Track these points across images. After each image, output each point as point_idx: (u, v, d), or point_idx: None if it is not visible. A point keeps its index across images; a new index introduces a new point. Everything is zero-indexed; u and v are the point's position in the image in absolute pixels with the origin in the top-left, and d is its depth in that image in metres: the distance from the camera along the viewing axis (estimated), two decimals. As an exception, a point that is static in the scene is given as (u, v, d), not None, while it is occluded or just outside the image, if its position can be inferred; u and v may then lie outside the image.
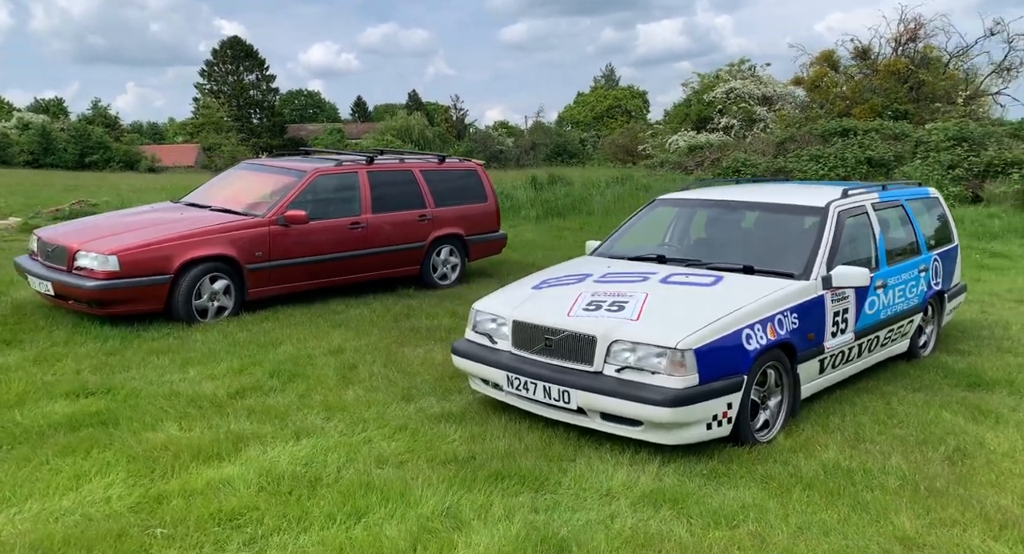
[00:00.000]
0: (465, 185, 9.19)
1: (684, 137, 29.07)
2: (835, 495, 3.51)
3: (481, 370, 4.56)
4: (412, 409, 4.76)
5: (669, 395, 3.77)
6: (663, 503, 3.46)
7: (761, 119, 29.79)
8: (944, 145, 16.36)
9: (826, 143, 17.97)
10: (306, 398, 4.99)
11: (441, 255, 8.86)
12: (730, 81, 31.01)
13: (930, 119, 21.89)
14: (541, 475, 3.76)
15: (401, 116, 52.22)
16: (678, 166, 21.26)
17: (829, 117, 21.46)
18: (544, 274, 5.14)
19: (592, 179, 17.57)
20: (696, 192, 5.94)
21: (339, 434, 4.36)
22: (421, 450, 4.11)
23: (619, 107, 72.69)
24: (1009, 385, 5.28)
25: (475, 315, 4.78)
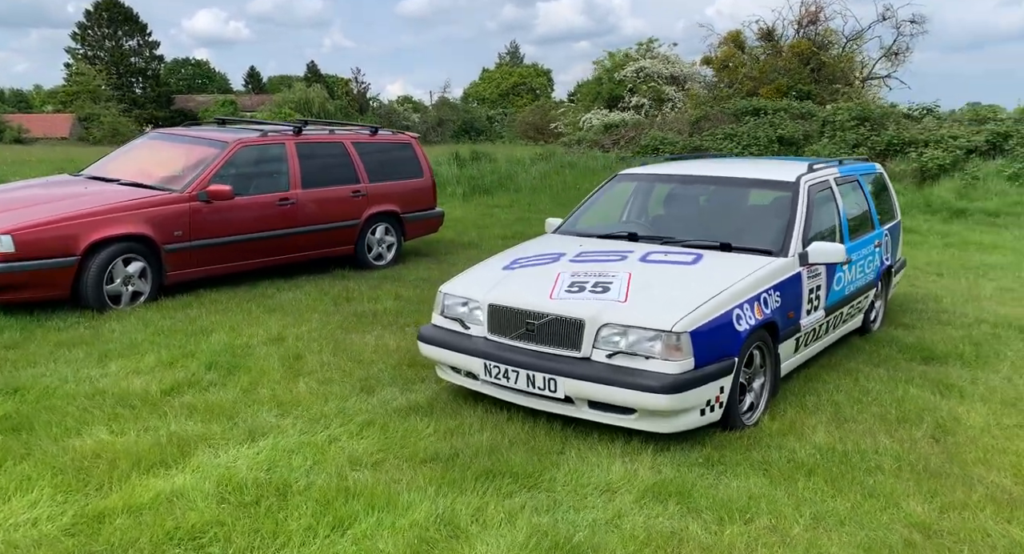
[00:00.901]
0: (400, 159, 8.72)
1: (597, 115, 29.19)
2: (839, 481, 3.40)
3: (453, 358, 4.22)
4: (375, 402, 4.38)
5: (666, 381, 3.56)
6: (668, 497, 3.26)
7: (670, 99, 30.28)
8: (849, 124, 16.97)
9: (738, 122, 18.34)
10: (252, 393, 4.52)
11: (376, 234, 8.39)
12: (639, 61, 31.31)
13: (830, 100, 22.76)
14: (533, 471, 3.49)
15: (299, 88, 50.18)
16: (595, 144, 21.25)
17: (738, 96, 21.95)
18: (512, 254, 4.83)
19: (516, 156, 17.29)
20: (659, 167, 5.75)
21: (299, 433, 3.94)
22: (395, 448, 3.76)
23: (524, 85, 72.54)
24: (960, 358, 5.38)
25: (443, 299, 4.43)
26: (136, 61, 63.57)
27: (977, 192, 14.48)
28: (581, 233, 5.13)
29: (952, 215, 13.18)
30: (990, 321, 6.41)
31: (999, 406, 4.42)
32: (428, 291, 7.15)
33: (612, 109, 30.75)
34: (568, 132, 30.81)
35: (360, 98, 56.54)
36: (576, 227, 5.31)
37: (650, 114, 28.91)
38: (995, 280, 8.33)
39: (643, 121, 23.32)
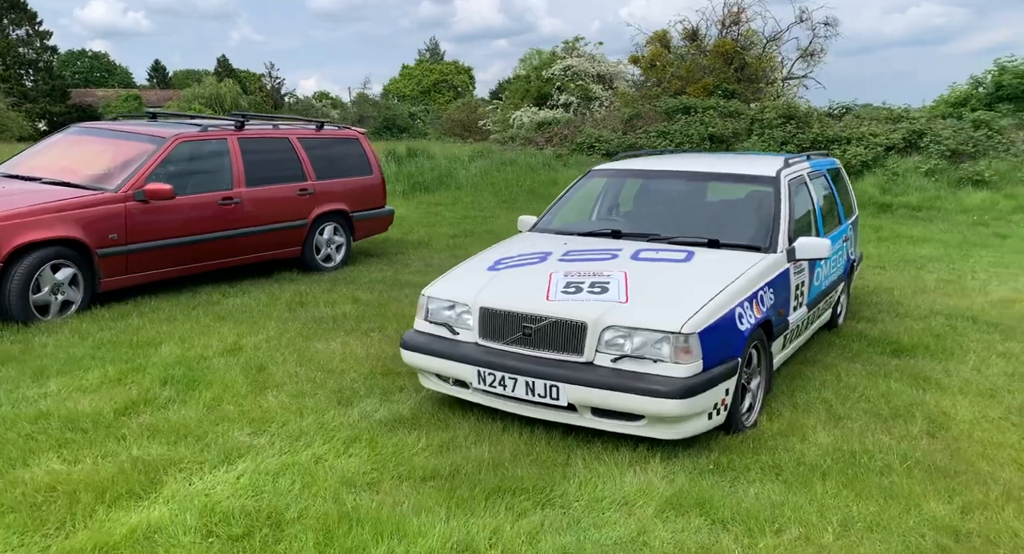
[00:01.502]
0: (347, 155, 8.35)
1: (527, 113, 29.16)
2: (855, 483, 3.32)
3: (441, 366, 3.97)
4: (355, 415, 4.09)
5: (677, 385, 3.41)
6: (689, 509, 3.11)
7: (597, 97, 30.52)
8: (776, 122, 17.41)
9: (670, 120, 18.57)
10: (217, 409, 4.15)
11: (324, 234, 7.99)
12: (566, 59, 31.45)
13: (753, 99, 23.36)
14: (544, 486, 3.28)
15: (210, 83, 48.20)
16: (529, 141, 21.16)
17: (667, 95, 22.27)
18: (493, 254, 4.60)
19: (453, 153, 17.00)
20: (634, 162, 5.62)
21: (279, 452, 3.62)
22: (390, 466, 3.48)
23: (446, 82, 71.96)
24: (926, 350, 5.47)
25: (427, 302, 4.17)
26: (26, 52, 59.42)
27: (899, 187, 15.06)
28: (561, 231, 4.96)
29: (879, 209, 13.66)
30: (943, 313, 6.58)
31: (979, 398, 4.48)
32: (387, 294, 6.85)
33: (541, 107, 30.77)
34: (497, 130, 30.62)
35: (275, 94, 54.80)
36: (554, 225, 5.13)
37: (579, 112, 29.07)
38: (934, 272, 8.61)
39: (574, 119, 23.39)
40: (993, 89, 20.26)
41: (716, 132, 17.38)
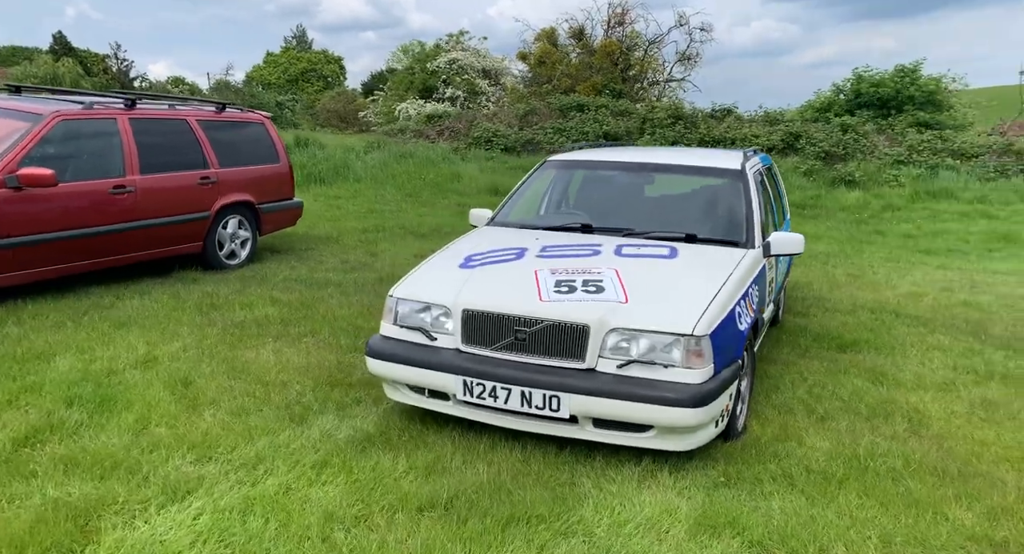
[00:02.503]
0: (252, 141, 7.61)
1: (413, 105, 28.55)
2: (873, 491, 3.15)
3: (416, 376, 3.53)
4: (315, 434, 3.57)
5: (692, 393, 3.15)
6: (721, 530, 2.84)
7: (484, 92, 30.33)
8: (666, 122, 17.83)
9: (565, 117, 18.61)
10: (145, 434, 3.52)
11: (228, 228, 7.24)
12: (451, 52, 31.06)
13: (638, 99, 23.91)
14: (559, 512, 2.93)
15: (45, 61, 43.97)
16: (419, 134, 20.60)
17: (557, 92, 22.35)
18: (460, 250, 4.19)
19: (346, 143, 16.16)
20: (589, 154, 5.34)
21: (236, 483, 3.07)
22: (375, 495, 3.02)
23: (314, 71, 69.20)
24: (868, 345, 5.54)
25: (396, 305, 3.71)
26: None
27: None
28: (524, 225, 4.60)
29: (768, 208, 14.22)
30: (865, 307, 6.76)
31: (939, 393, 4.52)
32: (308, 294, 6.25)
33: (427, 100, 30.24)
34: (380, 121, 29.81)
35: (122, 76, 50.63)
36: (513, 218, 4.77)
37: (465, 106, 28.79)
38: (838, 267, 8.92)
39: (464, 113, 23.04)
40: (852, 96, 21.69)
41: (610, 130, 17.53)
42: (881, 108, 20.58)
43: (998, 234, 11.93)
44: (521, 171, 15.09)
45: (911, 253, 10.44)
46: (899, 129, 18.22)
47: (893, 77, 20.73)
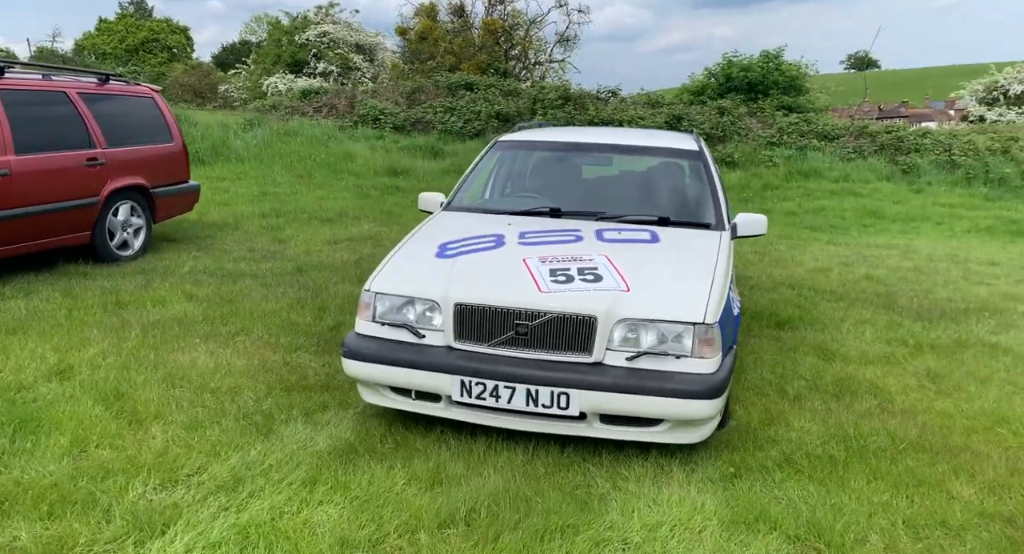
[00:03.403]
0: (141, 117, 6.85)
1: (283, 80, 27.15)
2: (879, 474, 3.15)
3: (404, 377, 3.23)
4: (291, 446, 3.20)
5: (708, 383, 3.04)
6: (754, 525, 2.73)
7: (358, 67, 29.32)
8: (556, 103, 17.89)
9: (454, 96, 18.25)
10: (88, 458, 3.04)
11: (119, 215, 6.48)
12: (321, 24, 29.77)
13: (522, 79, 23.89)
14: (589, 519, 2.73)
15: None
16: (295, 111, 19.57)
17: (441, 70, 21.90)
18: (431, 238, 3.88)
19: (221, 121, 14.99)
20: (542, 134, 5.12)
21: (218, 510, 2.69)
22: (385, 514, 2.72)
23: (157, 41, 64.15)
24: (801, 321, 5.69)
25: (375, 300, 3.37)
26: None
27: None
28: (488, 210, 4.35)
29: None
30: (784, 284, 7.00)
31: (886, 367, 4.67)
32: (224, 288, 5.70)
33: (298, 74, 28.89)
34: (245, 96, 28.22)
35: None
36: (474, 203, 4.51)
37: (340, 81, 27.76)
38: (742, 244, 9.21)
39: (344, 89, 22.15)
40: (724, 81, 22.69)
41: (502, 110, 17.36)
42: (749, 92, 21.62)
43: (868, 210, 12.80)
44: (416, 151, 14.67)
45: (800, 230, 10.99)
46: (768, 112, 19.21)
47: (760, 62, 21.80)
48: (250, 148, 13.02)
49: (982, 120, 26.46)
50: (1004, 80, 27.92)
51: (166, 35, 64.79)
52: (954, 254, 9.27)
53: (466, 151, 15.03)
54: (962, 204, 13.55)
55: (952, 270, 8.13)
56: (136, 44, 61.91)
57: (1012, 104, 27.49)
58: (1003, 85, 27.94)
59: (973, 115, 27.79)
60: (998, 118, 26.39)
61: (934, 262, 8.62)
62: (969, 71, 42.90)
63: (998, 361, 4.83)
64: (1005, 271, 8.26)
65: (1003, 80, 27.95)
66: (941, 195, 14.31)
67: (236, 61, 41.72)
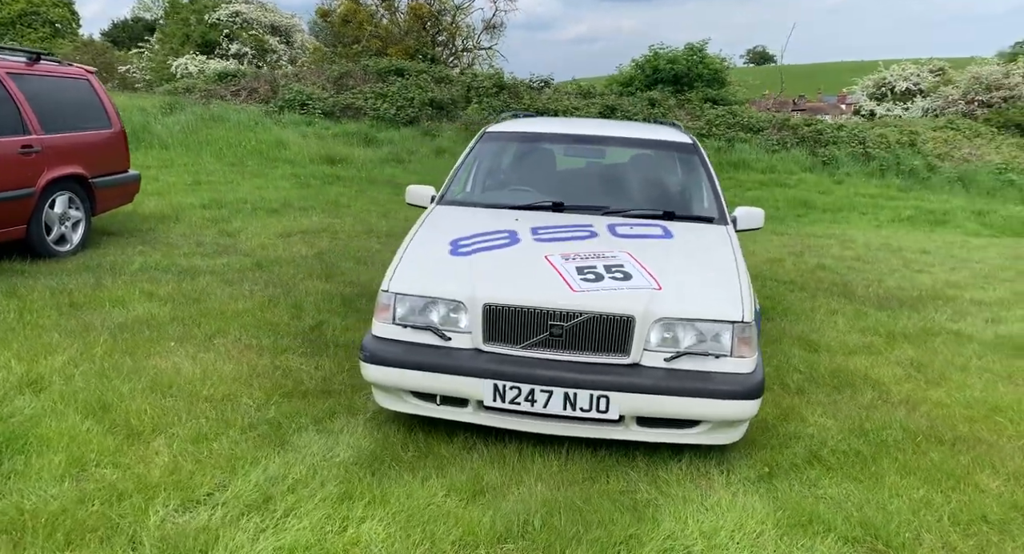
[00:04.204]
0: (76, 101, 6.32)
1: (194, 62, 25.87)
2: (908, 469, 3.18)
3: (430, 382, 3.06)
4: (312, 459, 2.99)
5: (749, 383, 2.99)
6: (807, 527, 2.69)
7: (274, 50, 28.28)
8: (491, 91, 17.71)
9: (384, 82, 17.79)
10: (88, 479, 2.76)
11: (57, 207, 5.97)
12: (234, 4, 28.52)
13: (451, 66, 23.56)
14: (644, 527, 2.64)
15: None
16: (211, 94, 18.65)
17: (368, 54, 21.34)
18: (440, 234, 3.68)
19: (136, 104, 14.05)
20: (532, 125, 4.98)
21: (258, 533, 2.48)
22: (437, 530, 2.56)
23: (37, 15, 59.72)
24: (774, 311, 5.69)
25: (395, 301, 3.18)
26: None
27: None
28: (488, 204, 4.18)
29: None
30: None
31: (871, 357, 4.74)
32: (183, 285, 5.33)
33: (209, 56, 27.62)
34: (150, 78, 26.86)
35: None
36: (471, 196, 4.33)
37: (255, 64, 26.73)
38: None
39: (264, 73, 21.27)
40: (651, 72, 23.01)
41: (436, 97, 17.05)
42: (675, 84, 22.01)
43: (798, 201, 13.24)
44: (349, 138, 14.21)
45: (740, 221, 11.26)
46: (696, 104, 19.61)
47: (685, 55, 22.22)
48: (174, 134, 12.31)
49: (872, 115, 27.89)
50: (891, 77, 29.50)
51: (48, 9, 60.42)
52: (887, 243, 9.70)
53: (402, 139, 14.69)
54: (880, 195, 14.20)
55: (892, 259, 8.49)
56: (12, 17, 57.53)
57: (898, 100, 29.08)
58: (890, 82, 29.52)
59: (864, 110, 29.23)
60: (886, 112, 27.84)
61: (872, 251, 8.98)
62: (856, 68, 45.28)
63: (966, 348, 5.04)
64: (938, 259, 8.68)
65: (890, 77, 29.54)
66: (860, 186, 14.96)
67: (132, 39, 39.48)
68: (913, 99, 28.97)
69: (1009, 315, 6.00)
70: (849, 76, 37.66)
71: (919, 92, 29.13)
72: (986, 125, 21.59)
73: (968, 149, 18.53)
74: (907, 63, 31.07)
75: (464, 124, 15.96)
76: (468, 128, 15.76)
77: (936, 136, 19.32)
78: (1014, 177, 16.43)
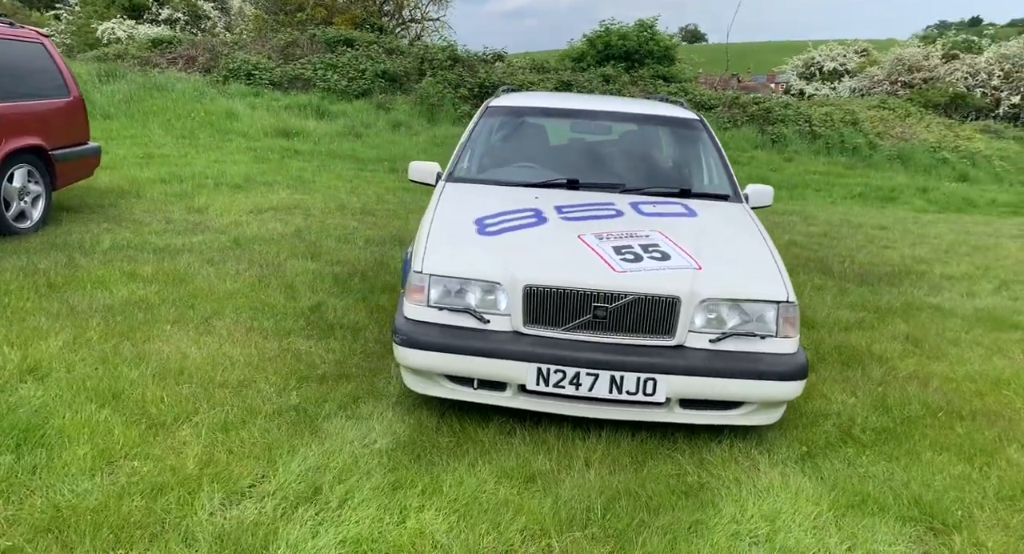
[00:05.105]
0: (32, 67, 5.87)
1: (122, 26, 24.58)
2: (940, 445, 3.23)
3: (469, 366, 2.96)
4: (351, 446, 2.87)
5: (795, 364, 2.97)
6: (862, 507, 2.71)
7: (208, 16, 27.14)
8: (445, 64, 17.36)
9: (333, 52, 17.24)
10: (117, 472, 2.59)
11: (16, 181, 5.56)
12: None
13: (396, 37, 23.01)
14: (706, 512, 2.62)
15: None
16: (145, 61, 17.75)
17: (313, 23, 20.63)
18: (462, 212, 3.55)
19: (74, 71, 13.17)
20: (536, 100, 4.84)
21: (315, 526, 2.36)
22: (501, 519, 2.47)
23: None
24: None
25: (431, 283, 3.06)
26: None
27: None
28: (502, 181, 4.06)
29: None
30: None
31: (863, 333, 4.82)
32: (164, 265, 5.06)
33: (138, 20, 26.31)
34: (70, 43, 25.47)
35: None
36: (480, 173, 4.19)
37: (188, 30, 25.63)
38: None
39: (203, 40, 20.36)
40: (602, 48, 22.96)
41: (388, 69, 16.62)
42: (626, 60, 22.03)
43: (753, 178, 13.35)
44: (300, 111, 13.74)
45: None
46: (647, 80, 19.69)
47: (636, 31, 22.24)
48: (115, 104, 11.66)
49: (802, 94, 28.64)
50: (819, 57, 30.35)
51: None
52: (847, 219, 9.95)
53: (355, 112, 14.30)
54: (829, 172, 14.57)
55: (856, 235, 8.71)
56: None
57: (826, 79, 29.94)
58: (818, 62, 30.36)
59: (794, 89, 29.99)
60: (815, 92, 28.62)
61: (835, 227, 9.19)
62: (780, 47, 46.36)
63: (951, 322, 5.20)
64: (897, 235, 8.95)
65: (818, 57, 30.38)
66: (809, 163, 15.32)
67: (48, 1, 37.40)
68: (840, 79, 29.84)
69: (979, 289, 6.23)
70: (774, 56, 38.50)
71: (846, 72, 30.00)
72: (914, 105, 22.38)
73: (900, 128, 19.16)
74: (834, 44, 31.96)
75: (419, 97, 15.64)
76: (424, 101, 15.46)
77: (872, 115, 19.90)
78: (947, 155, 17.12)
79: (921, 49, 27.93)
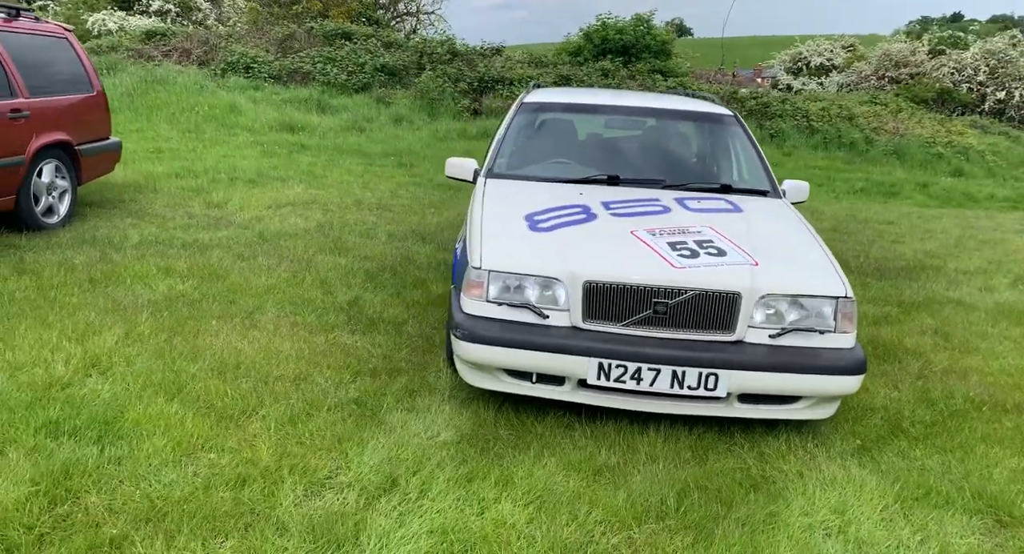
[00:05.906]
0: (58, 62, 5.86)
1: (113, 18, 24.34)
2: (992, 439, 3.28)
3: (530, 360, 2.99)
4: (417, 439, 2.90)
5: (854, 359, 3.01)
6: (925, 500, 2.76)
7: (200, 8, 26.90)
8: (445, 58, 17.33)
9: (332, 45, 17.17)
10: (197, 464, 2.62)
11: (44, 176, 5.55)
12: (151, -44, 26.88)
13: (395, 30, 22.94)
14: (779, 505, 2.67)
15: None
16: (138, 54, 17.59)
17: (309, 15, 20.53)
18: (510, 208, 3.59)
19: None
20: (571, 96, 4.88)
21: (401, 516, 2.40)
22: (578, 513, 2.51)
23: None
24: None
25: (488, 278, 3.09)
26: None
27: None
28: (543, 178, 4.10)
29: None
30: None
31: (891, 327, 4.77)
32: (196, 260, 5.07)
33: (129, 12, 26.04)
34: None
35: None
36: (521, 169, 4.22)
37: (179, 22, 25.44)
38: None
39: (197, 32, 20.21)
40: (599, 42, 22.98)
41: (387, 63, 16.57)
42: (623, 55, 22.06)
43: (756, 174, 13.58)
44: (302, 105, 13.70)
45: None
46: (645, 75, 19.73)
47: (633, 25, 22.27)
48: (118, 97, 11.57)
49: (790, 89, 28.80)
50: (806, 52, 30.54)
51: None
52: (852, 215, 10.05)
53: (356, 106, 14.26)
54: (828, 167, 14.68)
55: (865, 230, 8.81)
56: None
57: (813, 74, 30.14)
58: (806, 57, 30.54)
59: (782, 83, 30.15)
60: (802, 87, 28.78)
61: (843, 222, 9.29)
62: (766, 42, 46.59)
63: (974, 316, 5.28)
64: (904, 230, 9.05)
65: (806, 52, 30.57)
66: (808, 158, 15.43)
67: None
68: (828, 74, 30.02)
69: (996, 283, 6.33)
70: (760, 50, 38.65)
71: (833, 67, 30.19)
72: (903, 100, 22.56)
73: (893, 123, 19.33)
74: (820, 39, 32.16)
75: (419, 91, 15.61)
76: (424, 96, 15.43)
77: (865, 111, 20.06)
78: (942, 150, 17.29)
79: (908, 44, 28.13)
